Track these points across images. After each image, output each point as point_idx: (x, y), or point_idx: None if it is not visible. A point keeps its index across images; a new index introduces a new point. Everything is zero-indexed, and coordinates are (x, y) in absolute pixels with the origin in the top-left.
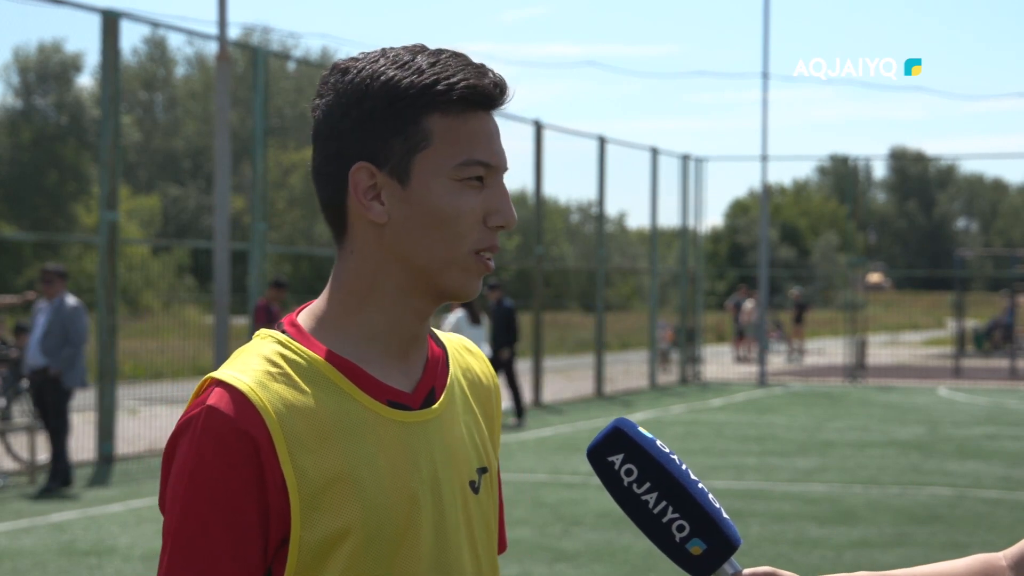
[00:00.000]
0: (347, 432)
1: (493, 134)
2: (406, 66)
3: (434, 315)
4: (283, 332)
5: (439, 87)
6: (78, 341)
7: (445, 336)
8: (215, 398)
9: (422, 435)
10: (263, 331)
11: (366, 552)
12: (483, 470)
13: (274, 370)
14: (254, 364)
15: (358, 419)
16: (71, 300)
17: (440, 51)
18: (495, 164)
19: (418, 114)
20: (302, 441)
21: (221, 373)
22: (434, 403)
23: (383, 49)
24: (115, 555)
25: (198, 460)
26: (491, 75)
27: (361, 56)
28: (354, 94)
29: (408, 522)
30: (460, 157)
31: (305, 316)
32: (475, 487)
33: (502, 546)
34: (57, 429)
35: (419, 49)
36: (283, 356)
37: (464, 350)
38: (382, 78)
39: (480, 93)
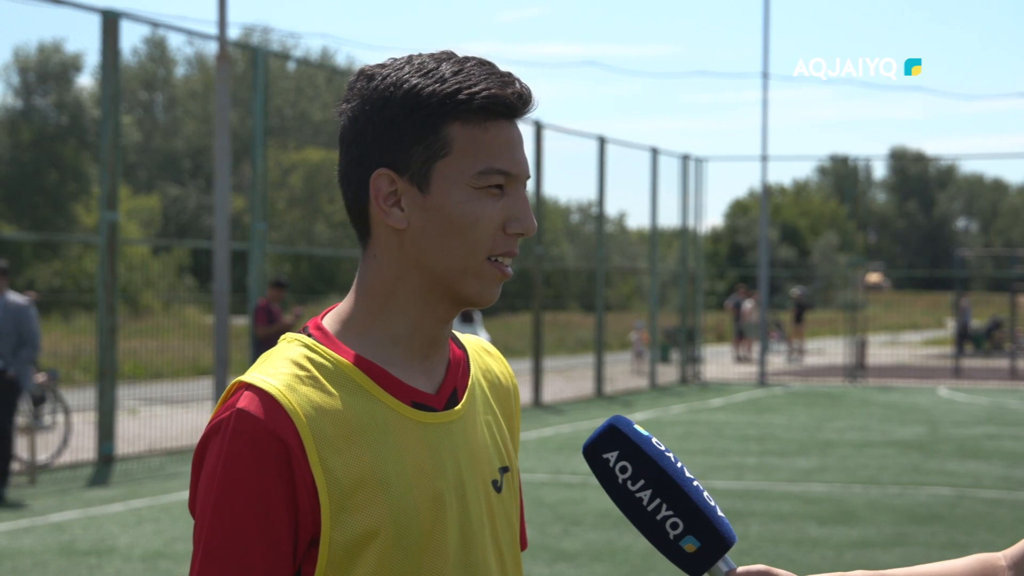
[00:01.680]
0: (374, 433)
1: (515, 143)
2: (430, 74)
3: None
4: (309, 336)
5: (460, 96)
6: (36, 341)
7: (464, 338)
8: (245, 401)
9: (446, 436)
10: (289, 335)
11: (394, 552)
12: (505, 469)
13: (302, 373)
14: (282, 368)
15: (384, 420)
16: (16, 297)
17: (467, 59)
18: (515, 173)
19: (439, 123)
20: (331, 443)
21: (250, 377)
22: (457, 404)
23: (410, 56)
24: (115, 555)
25: (229, 462)
26: (515, 85)
27: (389, 62)
28: (378, 101)
29: (434, 522)
30: (479, 166)
31: (331, 319)
32: (497, 486)
33: (523, 544)
34: (8, 431)
35: (445, 56)
36: (310, 359)
37: (483, 351)
38: (405, 86)
39: (501, 103)
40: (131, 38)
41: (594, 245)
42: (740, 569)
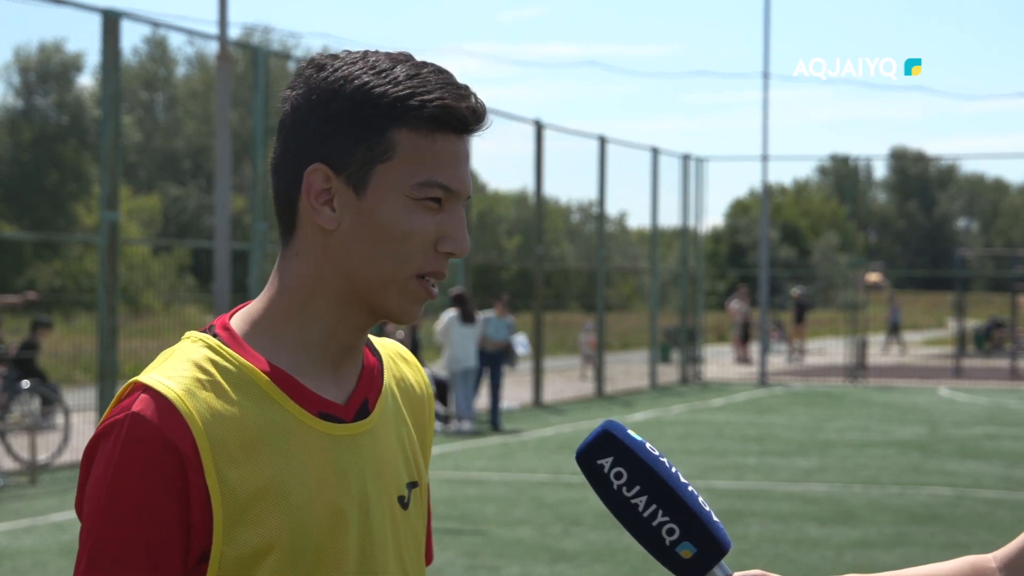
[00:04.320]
0: (275, 444)
1: (460, 159)
2: (383, 74)
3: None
4: (215, 336)
5: (412, 101)
6: None
7: (380, 343)
8: (140, 404)
9: (352, 449)
10: (193, 333)
11: (289, 568)
12: (413, 485)
13: (203, 377)
14: (182, 370)
15: (287, 431)
16: None
17: (424, 64)
18: (456, 189)
19: (386, 125)
20: (229, 453)
21: (147, 378)
22: (367, 415)
23: (365, 52)
24: None
25: (119, 469)
26: (471, 100)
27: (342, 54)
28: (325, 92)
29: (333, 538)
30: (420, 176)
31: (239, 319)
32: (404, 503)
33: (428, 559)
34: None
35: (402, 58)
36: (213, 362)
37: (399, 358)
38: (356, 82)
39: (453, 115)
40: (132, 38)
41: (595, 245)
42: (736, 575)
